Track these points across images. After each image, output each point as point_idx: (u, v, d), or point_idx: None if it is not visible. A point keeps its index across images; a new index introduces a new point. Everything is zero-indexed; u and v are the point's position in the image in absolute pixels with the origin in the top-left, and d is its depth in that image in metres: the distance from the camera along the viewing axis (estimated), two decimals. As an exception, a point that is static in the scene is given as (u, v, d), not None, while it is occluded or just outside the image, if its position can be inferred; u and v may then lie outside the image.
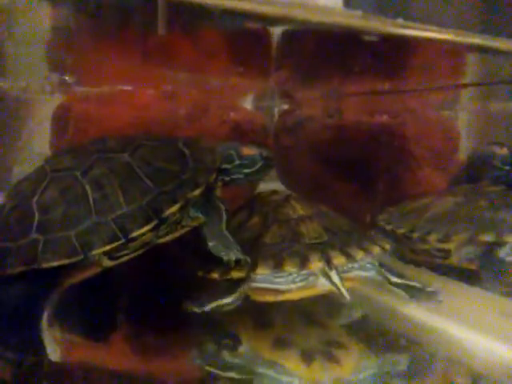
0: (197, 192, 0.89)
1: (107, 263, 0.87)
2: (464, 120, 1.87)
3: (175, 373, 0.79)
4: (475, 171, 1.40)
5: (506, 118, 1.75)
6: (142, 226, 0.83)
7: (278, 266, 0.84)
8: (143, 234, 0.85)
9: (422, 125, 1.63)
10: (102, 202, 0.84)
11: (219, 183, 0.98)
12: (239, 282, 0.86)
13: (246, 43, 1.40)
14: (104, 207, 0.83)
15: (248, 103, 1.67)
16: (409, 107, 1.65)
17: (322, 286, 0.87)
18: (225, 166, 0.98)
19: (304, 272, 0.86)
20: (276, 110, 1.84)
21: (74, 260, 0.80)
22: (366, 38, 1.21)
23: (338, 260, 0.86)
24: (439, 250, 1.15)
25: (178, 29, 1.25)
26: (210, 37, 1.31)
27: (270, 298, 0.88)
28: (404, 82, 1.57)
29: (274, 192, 1.06)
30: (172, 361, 0.83)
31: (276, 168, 1.83)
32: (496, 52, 1.18)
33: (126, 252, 0.88)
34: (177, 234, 0.93)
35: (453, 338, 0.89)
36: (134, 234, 0.83)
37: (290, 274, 0.86)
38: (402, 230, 1.19)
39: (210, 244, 0.86)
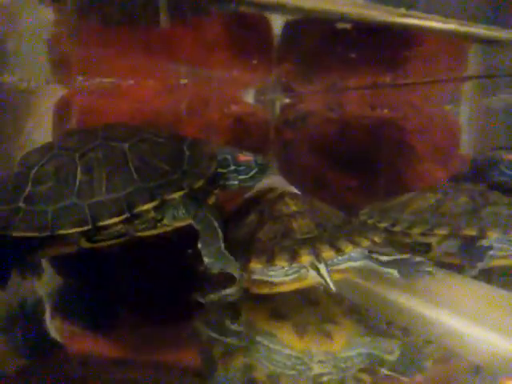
0: (176, 195, 0.88)
1: (85, 244, 0.89)
2: (466, 114, 1.87)
3: (179, 361, 0.80)
4: (480, 174, 1.40)
5: (509, 112, 1.75)
6: (111, 217, 0.84)
7: (270, 260, 0.87)
8: (114, 225, 0.86)
9: (424, 119, 1.64)
10: (86, 186, 0.86)
11: (214, 190, 0.97)
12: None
13: (248, 37, 1.39)
14: (86, 191, 0.85)
15: (249, 97, 1.67)
16: (410, 101, 1.65)
17: (313, 278, 0.91)
18: (220, 170, 0.98)
19: (295, 265, 0.89)
20: (278, 103, 1.84)
21: (41, 235, 0.83)
22: (369, 31, 1.21)
23: (327, 254, 0.89)
24: (420, 244, 1.17)
25: (180, 22, 1.25)
26: (211, 30, 1.31)
27: (265, 291, 0.91)
28: (406, 75, 1.56)
29: (271, 189, 1.08)
30: (175, 349, 0.83)
31: (277, 162, 1.84)
32: (499, 43, 1.18)
33: (101, 238, 0.89)
34: (159, 231, 0.94)
35: (452, 330, 0.89)
36: (103, 223, 0.84)
37: (282, 268, 0.89)
38: (383, 224, 1.20)
39: (207, 261, 0.86)
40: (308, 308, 0.95)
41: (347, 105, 1.66)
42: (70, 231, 0.83)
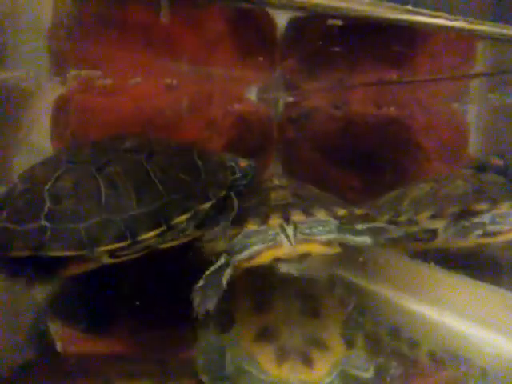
0: (206, 205, 0.90)
1: (107, 260, 0.88)
2: (474, 112, 1.85)
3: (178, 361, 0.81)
4: None
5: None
6: (149, 230, 0.83)
7: (244, 224, 0.94)
8: (149, 238, 0.85)
9: (431, 117, 1.62)
10: (114, 200, 0.84)
11: (234, 198, 0.99)
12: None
13: (251, 34, 1.38)
14: (115, 206, 0.83)
15: (253, 94, 1.66)
16: (417, 98, 1.63)
17: (287, 245, 0.95)
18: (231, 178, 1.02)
19: (264, 229, 0.94)
20: (281, 101, 1.83)
21: (80, 253, 0.80)
22: (375, 26, 1.20)
23: (297, 217, 0.94)
24: (426, 231, 1.18)
25: (181, 18, 1.24)
26: (213, 27, 1.30)
27: (245, 265, 0.95)
28: (412, 72, 1.55)
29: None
30: (174, 351, 0.84)
31: (280, 159, 1.83)
32: (507, 41, 1.17)
33: (127, 252, 0.88)
34: (179, 242, 0.94)
35: (455, 331, 0.89)
36: (142, 237, 0.83)
37: (258, 234, 0.95)
38: (385, 216, 1.21)
39: (199, 284, 0.86)
40: (298, 323, 0.94)
41: (352, 102, 1.64)
42: (110, 247, 0.82)
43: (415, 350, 0.85)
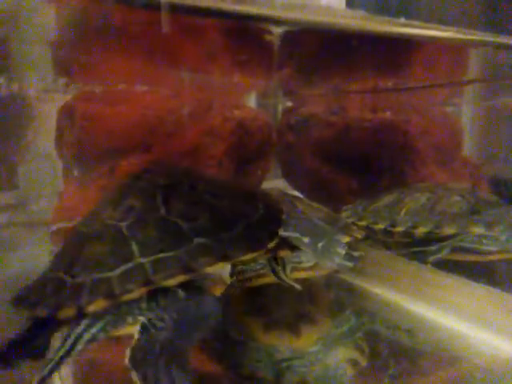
0: (272, 243, 0.83)
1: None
2: (468, 116, 1.87)
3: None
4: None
5: (510, 114, 1.75)
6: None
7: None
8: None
9: (426, 121, 1.63)
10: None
11: None
12: None
13: (249, 42, 1.40)
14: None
15: (251, 101, 1.68)
16: (412, 104, 1.64)
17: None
18: None
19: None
20: (279, 107, 1.85)
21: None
22: (369, 35, 1.21)
23: (284, 252, 0.91)
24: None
25: (181, 28, 1.25)
26: (212, 36, 1.31)
27: (247, 285, 0.96)
28: (407, 78, 1.56)
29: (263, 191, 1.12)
30: None
31: (280, 165, 1.84)
32: (500, 48, 1.19)
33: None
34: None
35: (456, 333, 0.90)
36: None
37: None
38: (381, 226, 1.22)
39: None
40: (291, 303, 0.97)
41: (349, 108, 1.66)
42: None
43: (414, 349, 0.87)
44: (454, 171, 1.65)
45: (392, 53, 1.40)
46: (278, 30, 1.41)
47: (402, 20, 0.97)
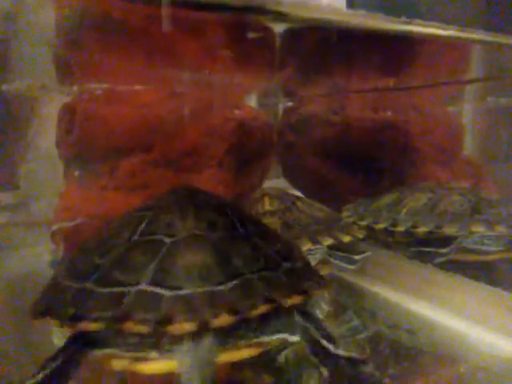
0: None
1: None
2: (468, 116, 1.86)
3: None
4: None
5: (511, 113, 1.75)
6: None
7: None
8: None
9: (427, 121, 1.63)
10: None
11: None
12: None
13: (250, 41, 1.39)
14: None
15: (252, 101, 1.67)
16: (413, 103, 1.64)
17: None
18: None
19: None
20: (280, 107, 1.85)
21: None
22: (370, 35, 1.21)
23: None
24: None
25: (182, 27, 1.25)
26: (213, 35, 1.31)
27: None
28: (408, 78, 1.56)
29: (262, 190, 1.15)
30: None
31: (281, 165, 1.85)
32: (501, 47, 1.19)
33: None
34: None
35: (456, 333, 0.90)
36: None
37: None
38: (383, 225, 1.23)
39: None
40: None
41: (350, 107, 1.66)
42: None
43: (414, 349, 0.86)
44: (454, 171, 1.65)
45: (393, 52, 1.40)
46: (278, 30, 1.41)
47: (403, 19, 0.97)
